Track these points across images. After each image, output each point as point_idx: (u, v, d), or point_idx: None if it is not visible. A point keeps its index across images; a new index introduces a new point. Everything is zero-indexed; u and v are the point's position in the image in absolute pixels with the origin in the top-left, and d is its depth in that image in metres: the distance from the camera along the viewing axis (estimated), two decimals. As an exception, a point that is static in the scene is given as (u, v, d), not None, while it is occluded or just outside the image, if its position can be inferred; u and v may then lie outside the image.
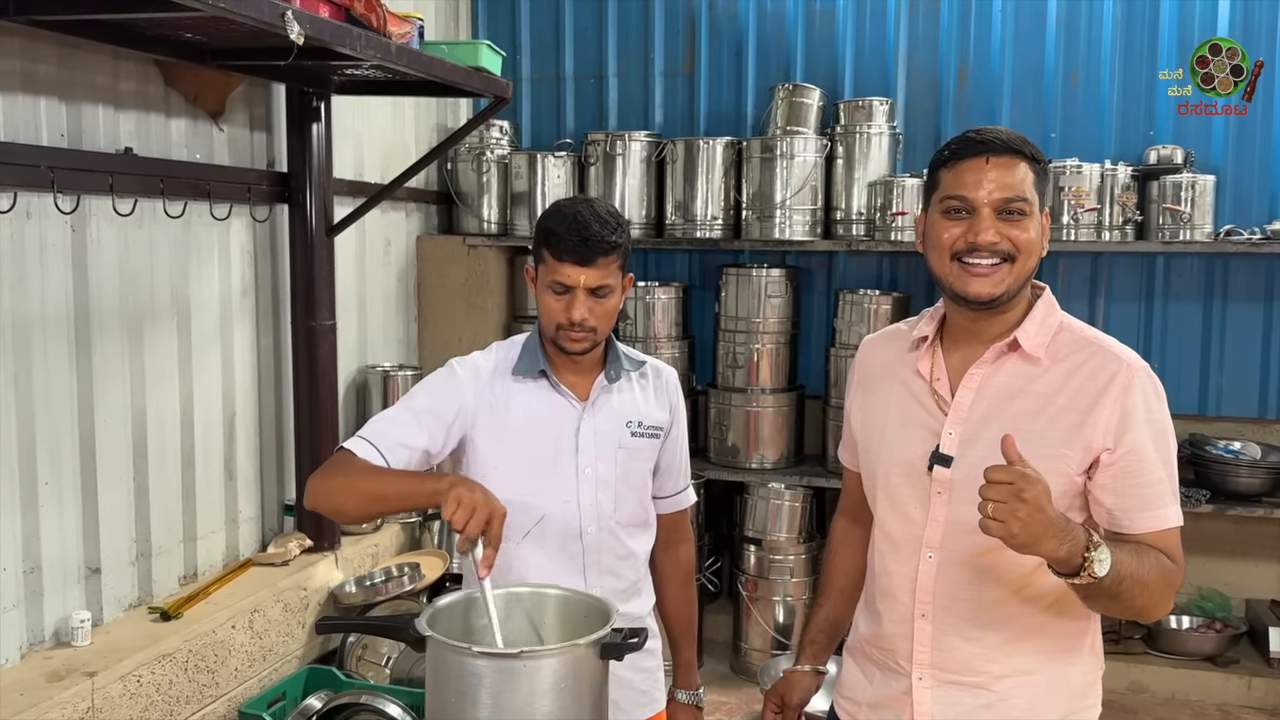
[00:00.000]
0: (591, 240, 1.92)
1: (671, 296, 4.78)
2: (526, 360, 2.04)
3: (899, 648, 1.77)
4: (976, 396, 1.70)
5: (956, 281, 1.67)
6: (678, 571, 2.26)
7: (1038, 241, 1.66)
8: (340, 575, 3.88)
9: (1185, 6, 4.46)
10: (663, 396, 2.15)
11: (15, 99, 2.76)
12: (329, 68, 3.37)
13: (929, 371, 1.75)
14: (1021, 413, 1.66)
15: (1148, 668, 4.38)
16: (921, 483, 1.71)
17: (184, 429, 3.42)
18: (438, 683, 1.53)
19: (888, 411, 1.81)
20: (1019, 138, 1.68)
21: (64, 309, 2.92)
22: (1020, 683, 1.71)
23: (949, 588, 1.70)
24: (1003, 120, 4.69)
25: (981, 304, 1.67)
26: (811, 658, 2.02)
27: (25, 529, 2.83)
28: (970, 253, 1.64)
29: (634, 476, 2.09)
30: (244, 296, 3.69)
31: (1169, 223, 4.27)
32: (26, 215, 2.78)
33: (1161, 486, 1.64)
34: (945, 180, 1.68)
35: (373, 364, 4.49)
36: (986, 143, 1.65)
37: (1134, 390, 1.63)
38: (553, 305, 1.96)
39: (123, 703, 2.84)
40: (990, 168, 1.63)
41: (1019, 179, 1.63)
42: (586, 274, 1.93)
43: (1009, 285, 1.65)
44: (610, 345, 2.10)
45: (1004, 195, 1.63)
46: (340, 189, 4.02)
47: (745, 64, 4.96)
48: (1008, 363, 1.70)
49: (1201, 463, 4.38)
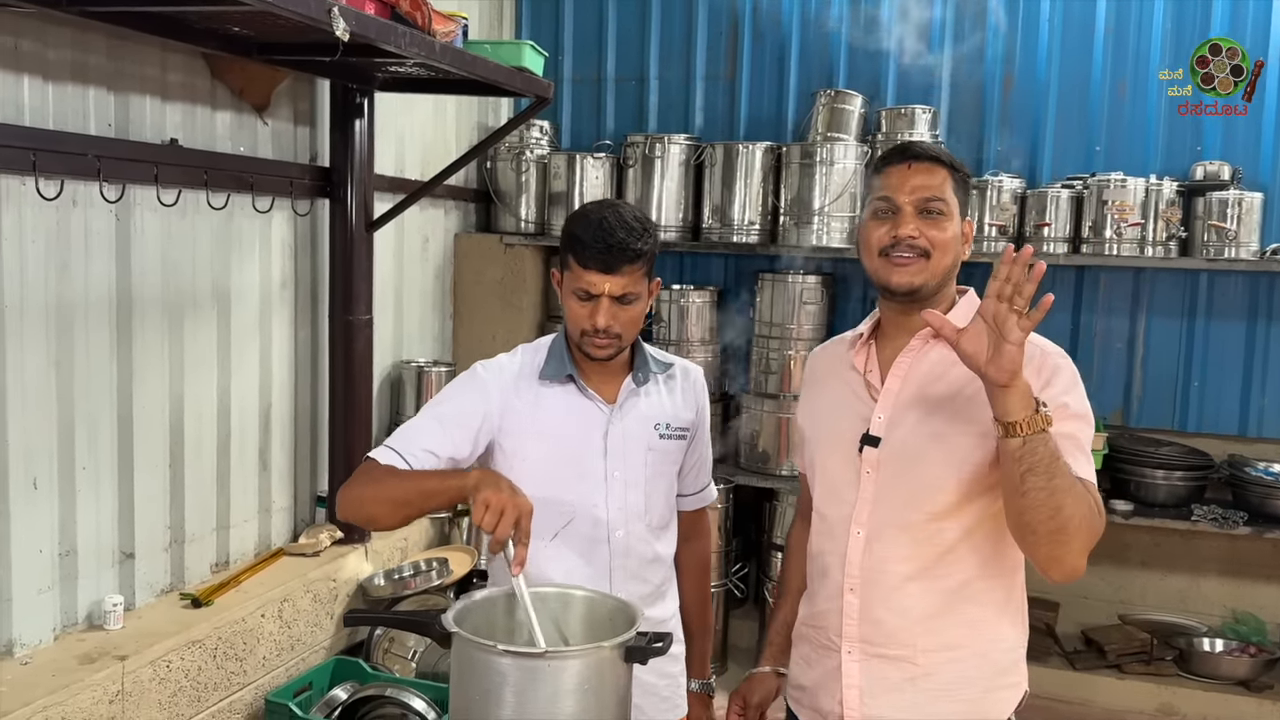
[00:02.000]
0: (617, 248, 1.90)
1: (706, 300, 4.77)
2: (554, 365, 2.04)
3: (830, 623, 1.88)
4: (904, 383, 1.85)
5: (882, 273, 1.84)
6: (695, 565, 2.28)
7: (954, 242, 1.83)
8: (370, 568, 3.91)
9: (1236, 21, 4.40)
10: (689, 397, 2.15)
11: (65, 88, 2.80)
12: (373, 65, 3.39)
13: (863, 365, 1.92)
14: (942, 395, 1.81)
15: (1179, 690, 4.31)
16: (853, 464, 1.85)
17: (220, 418, 3.46)
18: (463, 679, 1.53)
19: (826, 404, 1.97)
20: (943, 149, 1.89)
21: (106, 296, 2.97)
22: (945, 657, 1.81)
23: (876, 561, 1.82)
24: (1047, 132, 4.66)
25: (904, 293, 1.83)
26: (772, 659, 2.11)
27: (62, 512, 2.87)
28: (893, 247, 1.81)
29: (662, 479, 2.09)
30: (283, 289, 3.72)
31: (1214, 239, 4.21)
32: (72, 203, 2.82)
33: (1075, 441, 1.73)
34: (876, 185, 1.87)
35: (408, 359, 4.52)
36: (910, 150, 1.86)
37: (1048, 365, 1.77)
38: (578, 311, 1.96)
39: (152, 687, 2.88)
40: (913, 172, 1.82)
41: (938, 182, 1.82)
42: (611, 282, 1.92)
43: (926, 278, 1.81)
44: (638, 348, 2.09)
45: (923, 195, 1.81)
46: (380, 185, 4.05)
47: (787, 69, 4.95)
48: (932, 351, 1.84)
49: (1240, 484, 4.31)
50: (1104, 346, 4.67)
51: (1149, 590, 4.75)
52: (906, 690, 1.81)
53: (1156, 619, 4.66)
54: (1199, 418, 4.59)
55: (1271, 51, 4.33)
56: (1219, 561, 4.63)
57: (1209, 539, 4.50)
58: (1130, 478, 4.37)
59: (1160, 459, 4.36)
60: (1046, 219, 4.35)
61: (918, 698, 1.81)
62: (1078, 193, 4.38)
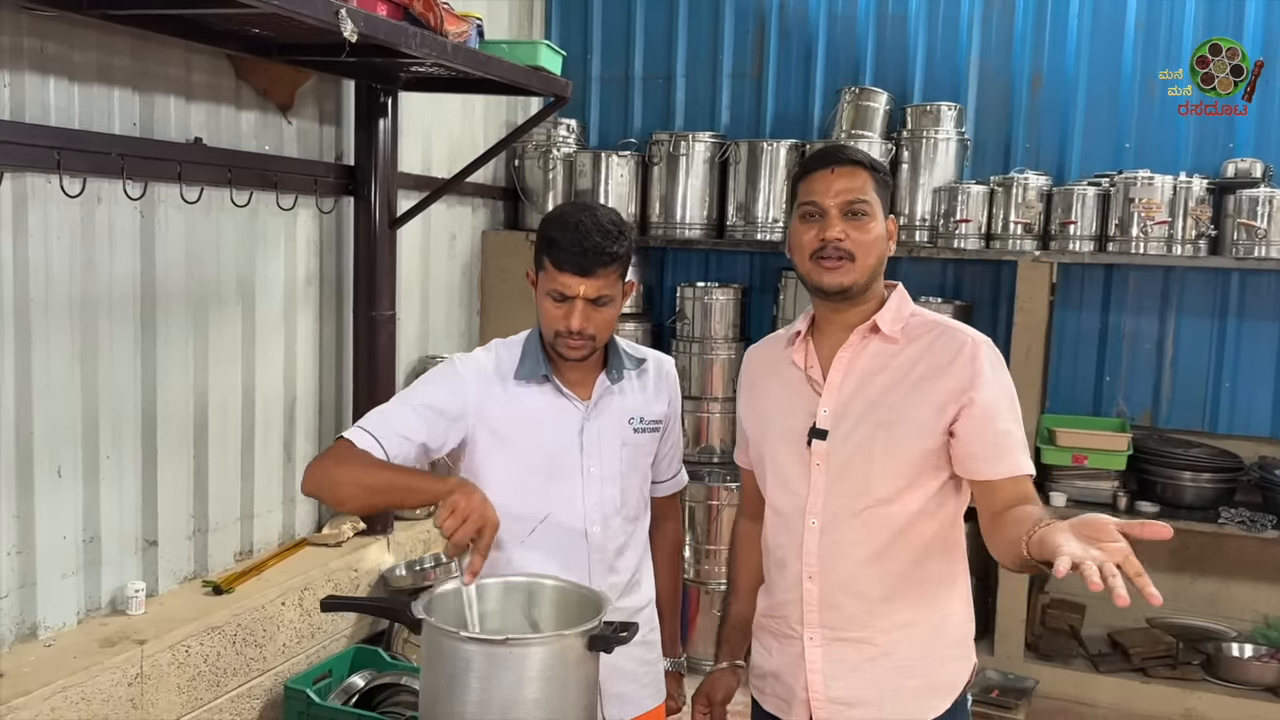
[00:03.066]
0: (592, 251, 1.93)
1: (730, 298, 4.79)
2: (529, 364, 2.06)
3: (790, 613, 1.95)
4: (845, 376, 1.92)
5: (814, 275, 1.90)
6: (665, 548, 2.32)
7: (880, 242, 1.90)
8: (391, 559, 3.97)
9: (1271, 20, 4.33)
10: (662, 389, 2.18)
11: (90, 89, 2.89)
12: (396, 65, 3.45)
13: (803, 361, 1.98)
14: (884, 386, 1.89)
15: (1205, 695, 4.25)
16: (803, 458, 1.93)
17: (245, 411, 3.54)
18: (431, 665, 1.58)
19: (771, 403, 2.03)
20: (862, 151, 1.96)
21: (130, 291, 3.05)
22: (901, 635, 1.89)
23: (831, 549, 1.89)
24: (1076, 129, 4.61)
25: (835, 293, 1.89)
26: (729, 655, 2.17)
27: (86, 500, 2.96)
28: (822, 250, 1.88)
29: (636, 472, 2.13)
30: (308, 285, 3.80)
31: (1244, 238, 4.14)
32: (97, 200, 2.91)
33: (1012, 439, 1.84)
34: (801, 190, 1.94)
35: (434, 354, 4.58)
36: (832, 156, 1.92)
37: (980, 356, 1.85)
38: (552, 312, 1.98)
39: (171, 671, 2.96)
40: (836, 176, 1.89)
41: (860, 185, 1.89)
42: (586, 284, 1.94)
43: (855, 278, 1.88)
44: (611, 344, 2.11)
45: (847, 198, 1.88)
46: (407, 183, 4.12)
47: (814, 67, 4.95)
48: (870, 345, 1.92)
49: (1271, 487, 4.24)
50: (1133, 347, 4.62)
51: (1179, 593, 4.68)
52: (867, 670, 1.90)
53: (1185, 623, 4.60)
54: (1230, 419, 4.52)
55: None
56: (1250, 565, 4.55)
57: (1239, 542, 4.43)
58: (1157, 479, 4.32)
59: (1188, 460, 4.30)
60: (1072, 216, 4.31)
61: (878, 676, 1.90)
62: (1104, 190, 4.33)
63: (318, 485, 1.91)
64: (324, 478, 1.90)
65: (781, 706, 1.99)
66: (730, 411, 4.74)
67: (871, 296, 1.93)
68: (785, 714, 1.99)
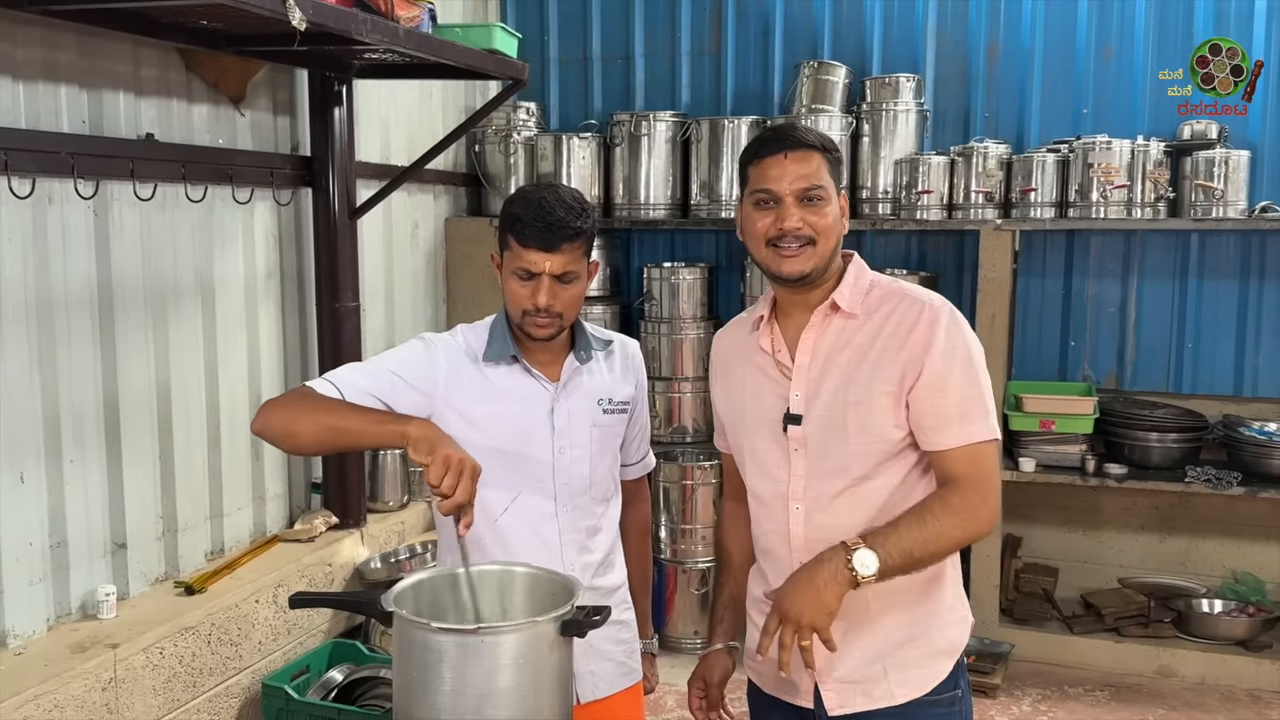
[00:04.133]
0: (556, 226, 1.93)
1: (697, 277, 4.78)
2: (496, 345, 2.06)
3: None
4: (812, 358, 1.91)
5: (772, 263, 1.89)
6: (634, 530, 2.34)
7: (836, 224, 1.89)
8: (365, 552, 3.95)
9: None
10: (629, 372, 2.19)
11: (36, 87, 2.83)
12: (349, 52, 3.41)
13: (770, 346, 1.96)
14: (849, 364, 1.88)
15: (1177, 652, 4.32)
16: (780, 443, 1.92)
17: (209, 409, 3.50)
18: (402, 657, 1.57)
19: (744, 389, 2.01)
20: (813, 132, 1.94)
21: (87, 292, 3.01)
22: (893, 603, 1.89)
23: (818, 532, 1.88)
24: (1034, 96, 4.63)
25: (795, 280, 1.88)
26: (723, 635, 2.17)
27: (51, 504, 2.92)
28: (780, 238, 1.86)
29: (607, 453, 2.13)
30: (269, 279, 3.76)
31: (1202, 200, 4.18)
32: (48, 200, 2.86)
33: (967, 405, 1.83)
34: (753, 176, 1.91)
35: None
36: (783, 139, 1.89)
37: (937, 324, 1.84)
38: (518, 291, 1.98)
39: (145, 674, 2.94)
40: (789, 161, 1.86)
41: (814, 169, 1.87)
42: (552, 260, 1.95)
43: (815, 264, 1.87)
44: (578, 327, 2.12)
45: (803, 185, 1.85)
46: (366, 172, 4.08)
47: (772, 43, 4.93)
48: (832, 323, 1.91)
49: (1235, 444, 4.30)
50: (1096, 311, 4.66)
51: (1149, 553, 4.74)
52: (869, 645, 1.90)
53: (1156, 581, 4.66)
54: (1193, 379, 4.57)
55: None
56: (1217, 523, 4.62)
57: (1206, 500, 4.49)
58: (1124, 441, 4.36)
59: (1154, 421, 4.35)
60: (1033, 184, 4.33)
61: (880, 649, 1.90)
62: (1063, 157, 4.35)
63: (268, 422, 1.86)
64: (276, 414, 1.86)
65: (787, 689, 1.97)
66: (701, 391, 4.75)
67: (830, 274, 1.92)
68: (792, 697, 1.97)
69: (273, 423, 1.87)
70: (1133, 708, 4.10)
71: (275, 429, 1.87)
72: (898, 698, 1.89)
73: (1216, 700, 4.16)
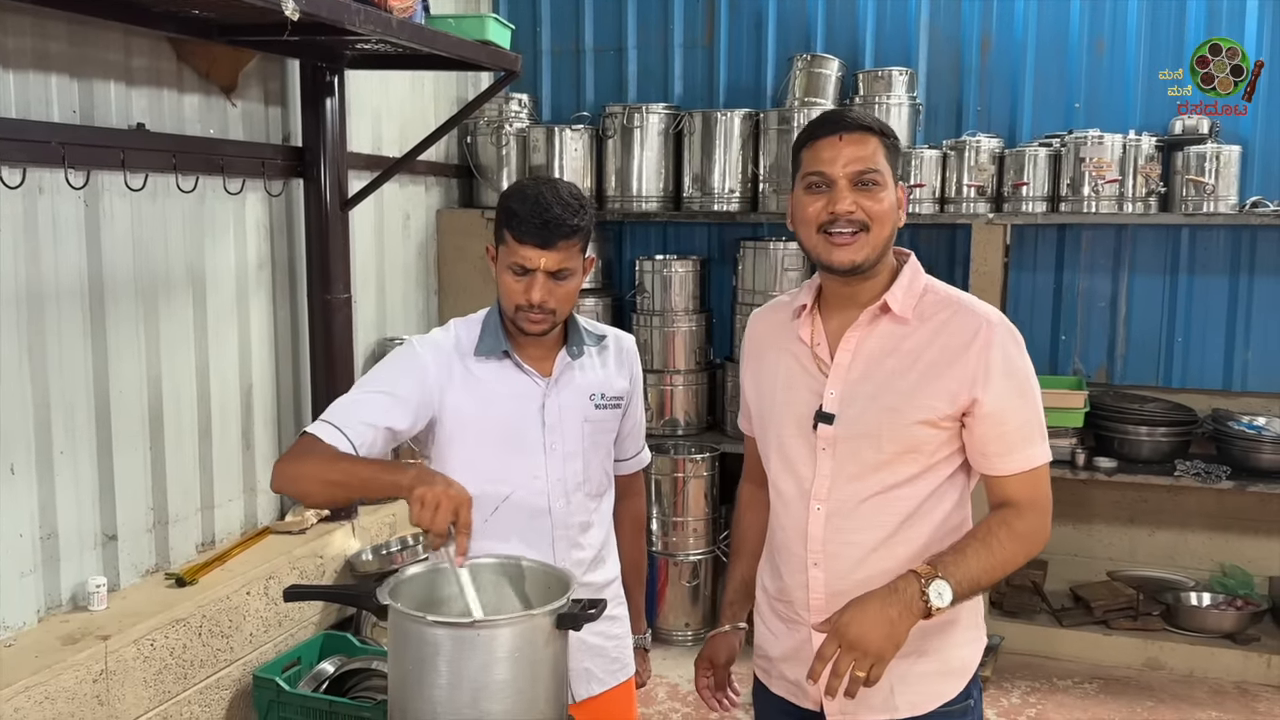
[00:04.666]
0: (553, 223, 1.92)
1: (689, 270, 4.78)
2: (488, 340, 2.05)
3: (796, 598, 1.89)
4: (853, 358, 1.83)
5: (823, 252, 1.80)
6: (628, 524, 2.32)
7: (891, 211, 1.80)
8: (357, 544, 3.95)
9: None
10: (623, 366, 2.18)
11: (26, 76, 2.81)
12: (341, 42, 3.39)
13: (809, 337, 1.88)
14: (893, 370, 1.80)
15: (1165, 644, 4.34)
16: (808, 441, 1.85)
17: (200, 400, 3.49)
18: (398, 650, 1.57)
19: (776, 377, 1.93)
20: (870, 116, 1.85)
21: (77, 282, 2.99)
22: None
23: (837, 535, 1.83)
24: (1026, 90, 4.64)
25: (846, 270, 1.80)
26: (731, 617, 2.13)
27: (41, 496, 2.91)
28: (832, 223, 1.77)
29: (599, 448, 2.12)
30: (260, 270, 3.74)
31: (1193, 194, 4.19)
32: (39, 190, 2.84)
33: (1027, 429, 1.79)
34: (806, 159, 1.82)
35: (391, 336, 4.54)
36: (839, 122, 1.80)
37: (994, 345, 1.77)
38: (512, 286, 1.97)
39: (136, 665, 2.93)
40: (844, 144, 1.77)
41: (870, 152, 1.77)
42: (547, 257, 1.93)
43: (868, 253, 1.78)
44: (571, 321, 2.11)
45: (858, 168, 1.76)
46: (357, 163, 4.06)
47: (765, 35, 4.93)
48: (880, 325, 1.83)
49: (1224, 438, 4.32)
50: (1087, 305, 4.68)
51: (1138, 547, 4.77)
52: None
53: (1145, 574, 4.69)
54: (1183, 373, 4.59)
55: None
56: (1206, 516, 4.64)
57: (1195, 494, 4.52)
58: (1114, 435, 4.38)
59: (1143, 415, 4.37)
60: (1024, 178, 4.34)
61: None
62: (1055, 151, 4.36)
63: (283, 483, 1.90)
64: (287, 475, 1.88)
65: (793, 691, 1.94)
66: (694, 384, 4.75)
67: (882, 269, 1.83)
68: (799, 699, 1.93)
69: (287, 486, 1.91)
70: (1121, 700, 4.12)
71: (291, 491, 1.93)
72: (900, 710, 1.85)
73: (1204, 693, 4.18)
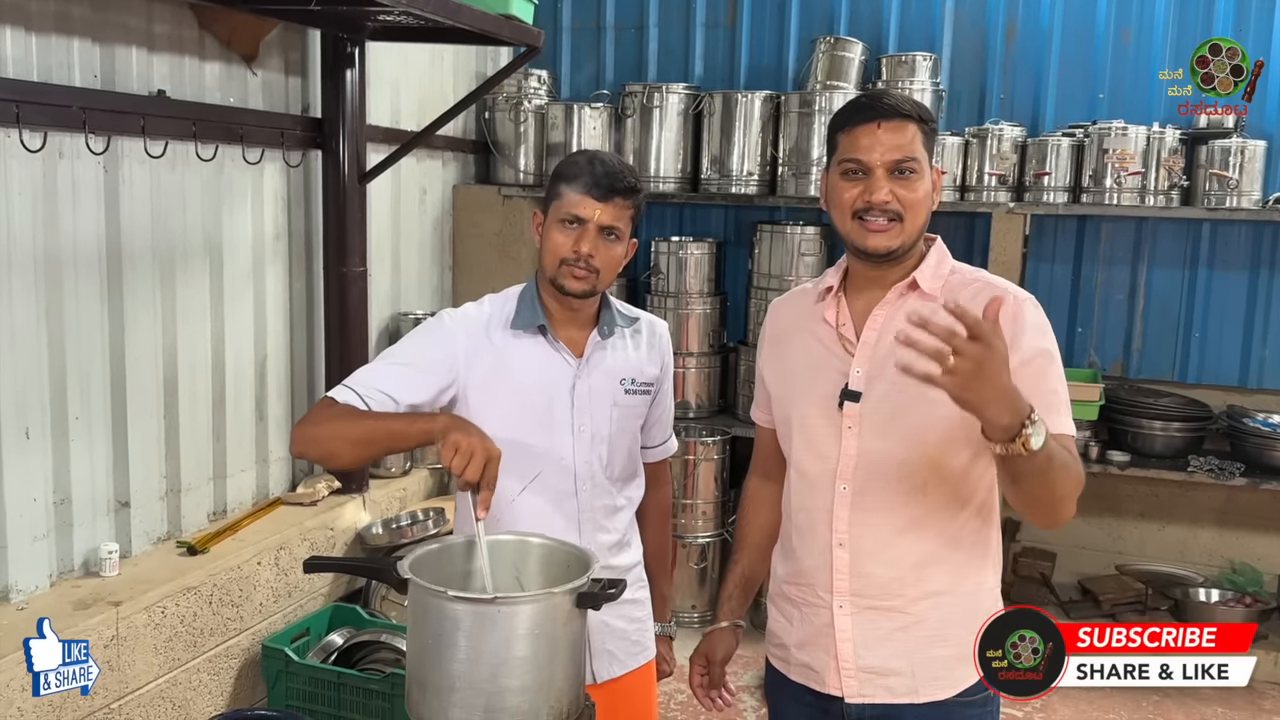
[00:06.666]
0: (613, 175, 1.95)
1: (705, 252, 4.76)
2: (525, 313, 2.04)
3: (818, 580, 1.87)
4: (880, 336, 1.82)
5: (857, 237, 1.80)
6: (656, 512, 2.30)
7: (927, 199, 1.80)
8: (367, 517, 3.95)
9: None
10: (655, 352, 2.16)
11: (49, 40, 2.80)
12: (363, 13, 3.37)
13: (835, 318, 1.88)
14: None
15: (1173, 640, 4.33)
16: (834, 420, 1.83)
17: (215, 369, 3.49)
18: (417, 624, 1.56)
19: (799, 360, 1.92)
20: (909, 100, 1.81)
21: (95, 248, 2.98)
22: (933, 604, 1.82)
23: (863, 515, 1.82)
24: (1050, 79, 4.60)
25: (880, 256, 1.80)
26: (729, 614, 2.10)
27: (56, 461, 2.91)
28: (867, 211, 1.77)
29: (626, 433, 2.10)
30: (276, 241, 3.73)
31: (1216, 189, 4.16)
32: (59, 155, 2.83)
33: (1058, 397, 1.74)
34: (842, 144, 1.81)
35: (405, 310, 4.53)
36: (877, 107, 1.78)
37: (1023, 312, 1.75)
38: (560, 240, 1.97)
39: (147, 632, 2.94)
40: (882, 131, 1.76)
41: (908, 140, 1.76)
42: (602, 209, 1.95)
43: (903, 240, 1.78)
44: (605, 301, 2.10)
45: (895, 157, 1.75)
46: (375, 136, 4.04)
47: (788, 16, 4.89)
48: (907, 302, 1.81)
49: (1238, 435, 4.30)
50: (1105, 297, 4.65)
51: (1147, 541, 4.75)
52: (899, 638, 1.83)
53: (1154, 569, 4.68)
54: (1199, 369, 4.57)
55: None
56: (1217, 512, 4.63)
57: (1207, 490, 4.50)
58: (1128, 429, 4.36)
59: (1158, 410, 4.35)
60: (1046, 168, 4.31)
61: (910, 644, 1.83)
62: (1078, 141, 4.33)
63: (305, 445, 1.90)
64: (308, 436, 1.88)
65: (811, 676, 1.91)
66: (707, 367, 4.74)
67: (912, 254, 1.83)
68: (817, 684, 1.90)
69: (310, 448, 1.91)
70: (1128, 695, 4.11)
71: (315, 453, 1.93)
72: (921, 696, 1.83)
73: (1211, 690, 4.17)
